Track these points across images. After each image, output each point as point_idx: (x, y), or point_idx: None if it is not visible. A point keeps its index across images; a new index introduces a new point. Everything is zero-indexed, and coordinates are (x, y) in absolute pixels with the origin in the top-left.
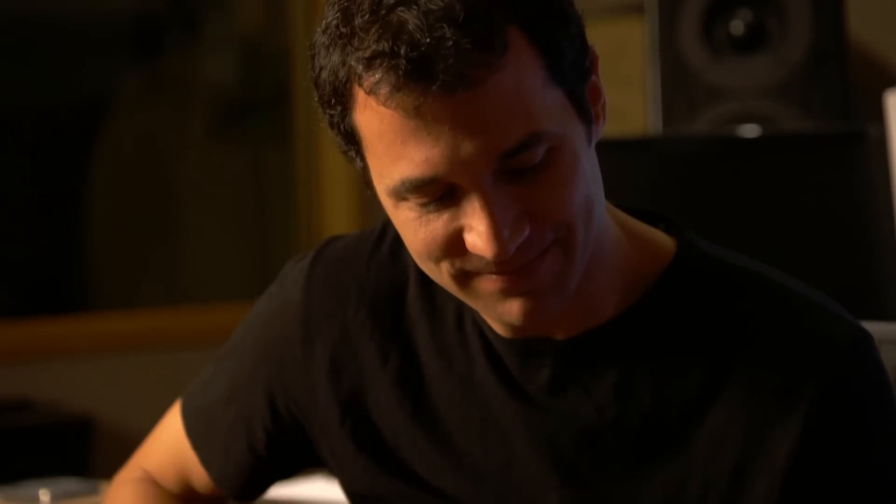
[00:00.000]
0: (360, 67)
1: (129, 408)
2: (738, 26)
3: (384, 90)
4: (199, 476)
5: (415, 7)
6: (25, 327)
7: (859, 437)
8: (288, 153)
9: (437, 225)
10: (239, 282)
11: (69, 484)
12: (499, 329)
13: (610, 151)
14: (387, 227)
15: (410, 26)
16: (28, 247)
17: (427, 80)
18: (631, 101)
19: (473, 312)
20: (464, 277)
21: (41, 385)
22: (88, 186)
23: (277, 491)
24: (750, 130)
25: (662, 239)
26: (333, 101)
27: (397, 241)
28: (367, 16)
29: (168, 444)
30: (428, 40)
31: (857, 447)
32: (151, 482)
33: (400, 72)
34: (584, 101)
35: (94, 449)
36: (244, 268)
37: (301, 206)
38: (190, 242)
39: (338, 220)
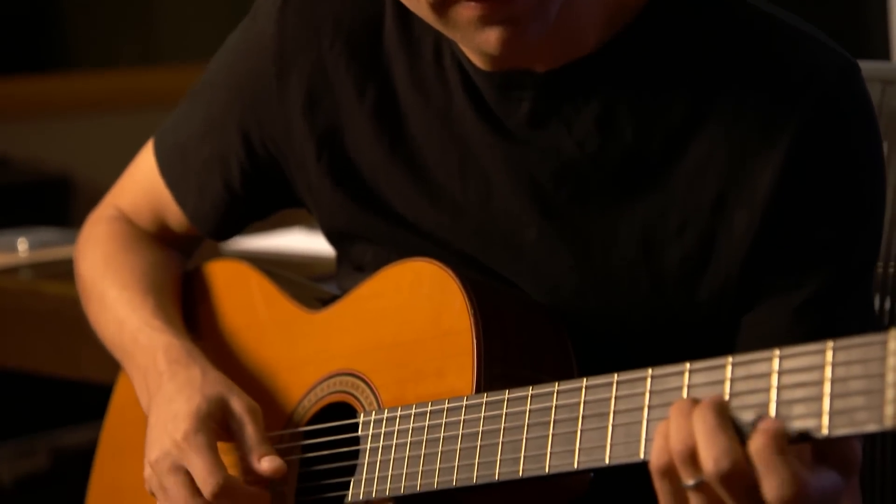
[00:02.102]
0: None
1: (106, 167)
2: None
3: None
4: (175, 215)
5: None
6: (3, 85)
7: (841, 165)
8: None
9: None
10: (217, 40)
11: (47, 234)
12: (478, 61)
13: None
14: None
15: None
16: (4, 4)
17: None
18: None
19: (452, 45)
20: (441, 6)
21: (19, 143)
22: None
23: (257, 241)
24: None
25: None
26: None
27: None
28: None
29: (142, 183)
30: None
31: (838, 176)
32: (126, 221)
33: None
34: None
35: (72, 207)
36: (222, 26)
37: None
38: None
39: None
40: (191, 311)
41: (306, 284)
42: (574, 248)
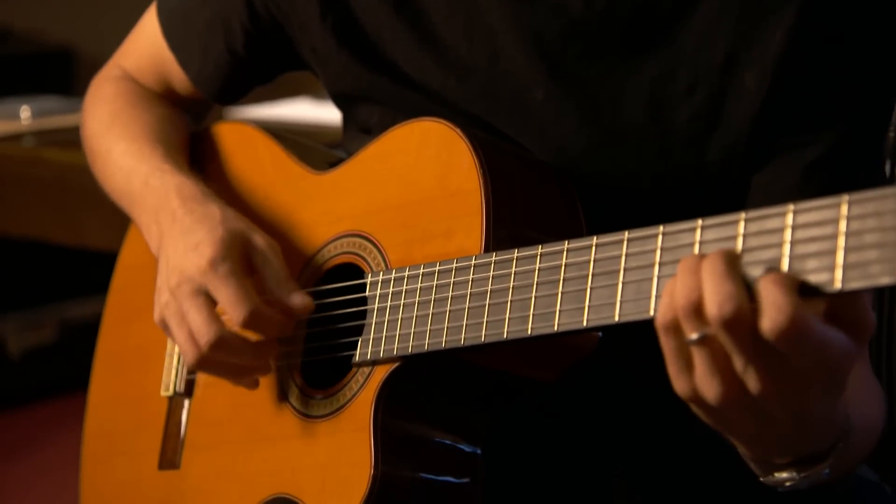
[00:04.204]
0: None
1: (109, 39)
2: None
3: None
4: (179, 77)
5: None
6: None
7: (855, 23)
8: None
9: None
10: None
11: (50, 102)
12: None
13: None
14: None
15: None
16: None
17: None
18: None
19: None
20: None
21: (21, 14)
22: None
23: (263, 110)
24: None
25: None
26: None
27: None
28: None
29: (146, 45)
30: None
31: (852, 34)
32: (131, 80)
33: None
34: None
35: (74, 79)
36: None
37: None
38: None
39: None
40: (198, 171)
41: (313, 147)
42: (581, 108)
